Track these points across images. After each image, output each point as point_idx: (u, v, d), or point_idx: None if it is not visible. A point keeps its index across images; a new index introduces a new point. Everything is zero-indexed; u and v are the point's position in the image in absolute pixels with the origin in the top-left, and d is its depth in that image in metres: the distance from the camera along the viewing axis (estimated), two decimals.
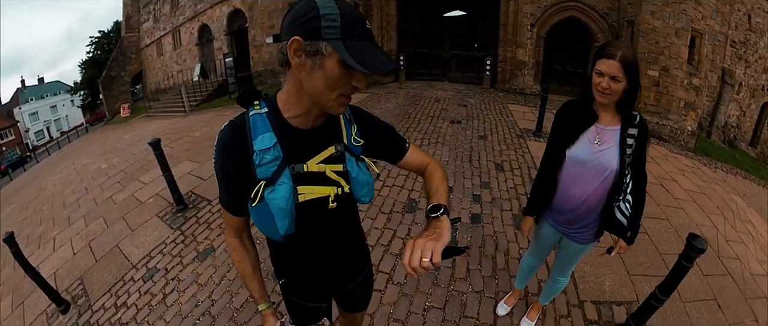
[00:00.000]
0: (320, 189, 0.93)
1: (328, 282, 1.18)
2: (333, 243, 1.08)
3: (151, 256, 3.16)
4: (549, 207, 1.65)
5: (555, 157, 1.52)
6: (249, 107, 0.89)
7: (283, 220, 0.89)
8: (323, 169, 0.92)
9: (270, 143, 0.85)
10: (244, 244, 1.05)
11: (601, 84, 1.28)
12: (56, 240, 4.10)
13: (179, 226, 3.53)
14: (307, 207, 0.92)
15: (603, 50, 1.28)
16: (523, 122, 6.72)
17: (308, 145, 0.90)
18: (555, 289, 2.00)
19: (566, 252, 1.76)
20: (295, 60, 0.76)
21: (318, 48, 0.72)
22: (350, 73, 0.76)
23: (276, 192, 0.86)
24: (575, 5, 9.20)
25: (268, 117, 0.87)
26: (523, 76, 10.01)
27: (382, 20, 10.98)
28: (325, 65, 0.74)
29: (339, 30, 0.72)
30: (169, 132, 8.43)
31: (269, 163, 0.86)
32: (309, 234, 0.99)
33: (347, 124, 0.99)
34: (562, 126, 1.50)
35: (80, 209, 4.86)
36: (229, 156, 0.88)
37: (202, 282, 2.67)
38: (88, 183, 6.12)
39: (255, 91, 0.91)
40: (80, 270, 3.27)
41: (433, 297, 2.39)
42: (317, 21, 0.72)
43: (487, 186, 3.97)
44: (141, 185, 4.96)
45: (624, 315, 2.38)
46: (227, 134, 0.88)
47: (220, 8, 13.80)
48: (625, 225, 1.49)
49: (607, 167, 1.40)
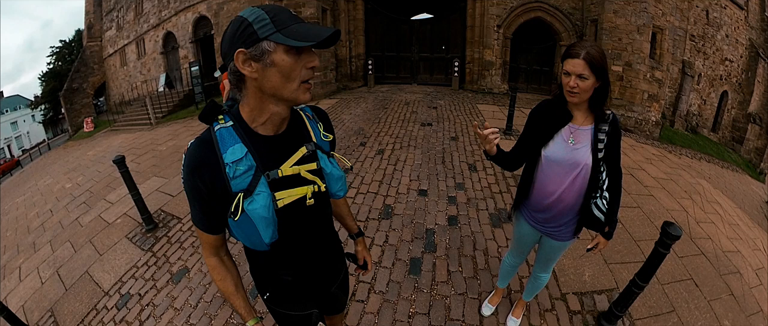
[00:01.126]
0: (297, 190, 0.95)
1: (313, 287, 1.18)
2: (313, 245, 1.10)
3: (123, 281, 3.00)
4: (526, 205, 1.67)
5: (530, 155, 1.54)
6: (213, 122, 0.89)
7: (266, 229, 0.89)
8: (298, 171, 0.94)
9: (241, 153, 0.85)
10: (223, 262, 1.02)
11: (569, 83, 1.31)
12: (22, 269, 3.84)
13: (150, 247, 3.38)
14: (286, 211, 0.93)
15: (568, 50, 1.32)
16: (493, 121, 6.84)
17: (279, 150, 0.92)
18: (537, 286, 2.02)
19: (546, 250, 1.78)
20: (247, 70, 0.79)
21: (262, 49, 0.77)
22: (300, 57, 0.80)
23: (255, 202, 0.86)
24: (540, 6, 9.48)
25: (234, 129, 0.87)
26: (491, 76, 10.22)
27: (350, 25, 10.94)
28: (274, 60, 0.78)
29: (272, 25, 0.76)
30: (135, 146, 8.08)
31: (244, 174, 0.85)
32: (292, 238, 0.99)
33: (312, 122, 1.03)
34: (536, 125, 1.52)
35: (46, 234, 4.57)
36: (200, 173, 0.86)
37: (178, 306, 2.55)
38: (52, 204, 5.77)
39: (217, 106, 0.90)
40: (50, 300, 3.07)
41: (416, 303, 2.36)
42: (250, 28, 0.77)
43: (462, 187, 4.00)
44: (108, 205, 4.71)
45: (606, 303, 2.45)
46: (195, 151, 0.86)
47: (185, 15, 13.36)
48: (603, 221, 1.51)
49: (580, 163, 1.42)
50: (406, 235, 3.10)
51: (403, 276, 2.60)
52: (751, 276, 3.37)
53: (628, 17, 7.60)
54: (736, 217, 5.00)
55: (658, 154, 6.54)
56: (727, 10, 10.74)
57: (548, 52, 10.09)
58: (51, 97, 25.14)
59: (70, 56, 24.96)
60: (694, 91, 10.35)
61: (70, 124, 18.26)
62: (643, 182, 4.74)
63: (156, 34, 15.01)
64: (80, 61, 18.99)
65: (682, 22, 8.92)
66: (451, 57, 10.76)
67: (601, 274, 2.73)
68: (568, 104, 1.42)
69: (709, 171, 7.09)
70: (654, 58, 7.89)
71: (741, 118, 11.86)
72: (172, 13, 13.80)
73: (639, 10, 7.49)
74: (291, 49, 0.77)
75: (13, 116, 36.98)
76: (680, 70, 9.61)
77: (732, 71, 11.58)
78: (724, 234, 4.06)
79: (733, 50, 11.35)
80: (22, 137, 37.33)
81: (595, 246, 1.60)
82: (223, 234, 0.99)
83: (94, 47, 19.13)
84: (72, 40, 26.11)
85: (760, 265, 3.76)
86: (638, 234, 3.36)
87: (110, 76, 19.11)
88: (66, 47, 26.04)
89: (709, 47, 10.52)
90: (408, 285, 2.51)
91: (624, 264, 2.87)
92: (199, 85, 11.41)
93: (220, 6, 12.17)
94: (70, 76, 18.71)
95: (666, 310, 2.50)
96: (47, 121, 31.10)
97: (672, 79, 9.27)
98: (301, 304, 1.17)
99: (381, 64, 11.49)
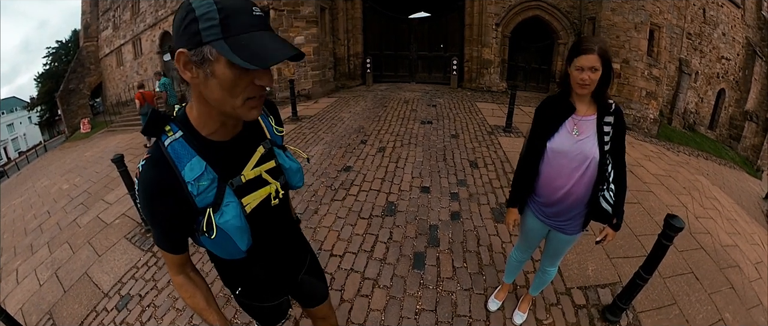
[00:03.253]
0: (261, 192, 0.92)
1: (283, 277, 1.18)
2: (282, 237, 1.10)
3: (123, 282, 2.96)
4: (534, 200, 1.67)
5: (535, 148, 1.56)
6: (161, 135, 0.79)
7: (242, 237, 0.87)
8: (259, 172, 0.91)
9: (201, 168, 0.78)
10: (190, 279, 0.97)
11: (582, 77, 1.33)
12: (19, 271, 3.80)
13: (150, 247, 3.35)
14: (254, 214, 0.91)
15: (580, 47, 1.34)
16: (492, 119, 6.84)
17: (237, 155, 0.87)
18: (545, 280, 2.02)
19: (555, 244, 1.78)
20: (187, 74, 0.69)
21: (203, 55, 0.65)
22: (248, 72, 0.67)
23: (226, 214, 0.82)
24: (538, 4, 9.51)
25: (186, 140, 0.79)
26: (490, 74, 10.24)
27: (348, 23, 10.93)
28: (215, 72, 0.66)
29: (219, 28, 0.64)
30: (132, 147, 8.05)
31: (207, 189, 0.80)
32: (263, 238, 0.98)
33: (264, 118, 0.98)
34: (541, 120, 1.54)
35: (43, 235, 4.53)
36: (160, 197, 0.78)
37: (179, 306, 2.52)
38: (50, 206, 5.72)
39: (161, 116, 0.81)
40: (48, 303, 3.03)
41: (422, 300, 2.36)
42: (195, 24, 0.64)
43: (464, 184, 4.00)
44: (106, 205, 4.68)
45: (609, 297, 2.46)
46: (150, 174, 0.78)
47: None
48: (610, 213, 1.54)
49: (588, 156, 1.43)
50: (410, 231, 3.09)
51: (408, 272, 2.60)
52: (750, 269, 3.40)
53: (625, 15, 7.65)
54: (734, 213, 5.04)
55: (657, 151, 6.57)
56: (724, 8, 10.82)
57: (546, 51, 10.14)
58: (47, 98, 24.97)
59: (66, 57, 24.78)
60: (691, 88, 10.42)
61: (66, 126, 18.13)
62: (643, 179, 4.76)
63: (152, 34, 14.94)
64: (77, 62, 18.85)
65: (679, 20, 8.98)
66: (449, 55, 10.77)
67: (604, 268, 2.74)
68: (570, 96, 1.46)
69: (707, 168, 7.14)
70: (652, 55, 7.93)
71: (738, 115, 11.95)
72: (169, 12, 13.73)
73: (636, 8, 7.54)
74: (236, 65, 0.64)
75: (9, 118, 36.70)
76: (677, 67, 9.68)
77: (729, 69, 11.67)
78: (722, 229, 4.09)
79: (730, 48, 11.43)
80: (19, 139, 37.05)
81: (603, 238, 1.62)
82: (188, 251, 0.94)
83: (91, 47, 19.00)
84: (69, 41, 25.92)
85: (759, 259, 3.79)
86: (639, 229, 3.38)
87: (107, 76, 19.00)
88: (62, 48, 25.85)
89: (706, 45, 10.60)
90: (413, 281, 2.50)
91: (626, 259, 2.89)
92: None
93: None
94: (66, 76, 18.56)
95: (668, 303, 2.52)
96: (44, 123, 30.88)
97: (669, 76, 9.33)
98: (273, 294, 1.18)
99: (379, 62, 11.48)
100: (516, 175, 1.74)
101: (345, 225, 3.22)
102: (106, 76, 19.01)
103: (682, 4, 8.92)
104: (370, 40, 11.42)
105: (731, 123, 12.13)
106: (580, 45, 1.35)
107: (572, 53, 1.37)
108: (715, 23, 10.64)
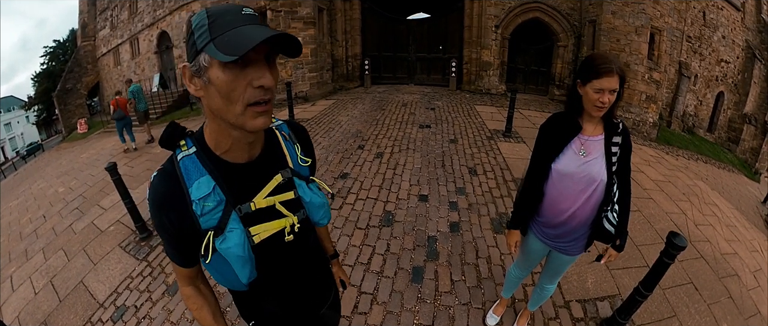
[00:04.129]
0: (274, 224, 0.85)
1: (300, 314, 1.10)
2: (298, 277, 1.00)
3: (119, 292, 2.93)
4: (537, 221, 1.63)
5: (540, 169, 1.50)
6: (176, 149, 0.78)
7: (243, 268, 0.81)
8: (272, 202, 0.84)
9: (208, 188, 0.75)
10: (199, 291, 0.94)
11: (602, 100, 1.27)
12: (14, 278, 3.75)
13: (145, 257, 3.31)
14: (264, 247, 0.84)
15: (599, 68, 1.26)
16: (491, 123, 6.80)
17: (251, 180, 0.82)
18: (543, 296, 2.00)
19: (556, 263, 1.75)
20: (192, 88, 0.70)
21: (199, 64, 0.66)
22: (243, 73, 0.65)
23: (228, 241, 0.77)
24: (539, 6, 9.48)
25: (198, 157, 0.77)
26: (489, 76, 10.21)
27: (346, 24, 10.88)
28: (211, 77, 0.65)
29: (207, 33, 0.64)
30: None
31: (212, 211, 0.76)
32: (272, 274, 0.91)
33: (289, 145, 0.91)
34: (546, 139, 1.49)
35: (38, 241, 4.48)
36: (166, 211, 0.77)
37: (174, 319, 2.49)
38: (45, 210, 5.67)
39: (178, 129, 0.80)
40: (44, 312, 2.99)
41: (420, 314, 2.33)
42: (192, 37, 0.66)
43: (463, 192, 3.96)
44: (101, 211, 4.63)
45: (608, 310, 2.44)
46: (159, 186, 0.77)
47: (180, 14, 13.22)
48: (613, 234, 1.49)
49: (596, 179, 1.39)
50: (408, 243, 3.05)
51: (406, 286, 2.57)
52: (748, 278, 3.38)
53: (626, 18, 7.63)
54: (734, 219, 5.03)
55: (656, 155, 6.56)
56: (724, 11, 10.81)
57: (546, 53, 10.11)
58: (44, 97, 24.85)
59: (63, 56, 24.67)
60: (690, 91, 10.42)
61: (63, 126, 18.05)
62: (642, 185, 4.74)
63: (150, 34, 14.87)
64: (74, 61, 18.76)
65: (679, 24, 8.96)
66: (448, 57, 10.73)
67: (603, 281, 2.72)
68: (579, 116, 1.40)
69: (706, 172, 7.13)
70: (652, 59, 7.92)
71: (737, 118, 11.96)
72: (167, 12, 13.66)
73: (637, 12, 7.52)
74: (228, 64, 0.63)
75: (7, 117, 36.44)
76: (677, 71, 9.67)
77: (728, 72, 11.66)
78: (722, 236, 4.07)
79: (730, 51, 11.43)
80: (17, 138, 36.86)
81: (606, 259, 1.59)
82: (199, 265, 0.90)
83: (88, 47, 18.91)
84: (66, 40, 25.80)
85: (758, 267, 3.78)
86: (639, 238, 3.36)
87: (104, 76, 18.91)
88: (60, 47, 25.74)
89: (706, 48, 10.59)
90: (411, 295, 2.47)
91: (626, 270, 2.87)
92: None
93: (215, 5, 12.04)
94: (63, 76, 18.48)
95: (667, 315, 2.50)
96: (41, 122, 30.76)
97: (669, 80, 9.32)
98: None
99: (378, 64, 11.44)
100: (519, 197, 1.68)
101: (342, 235, 3.18)
102: (104, 76, 18.92)
103: (682, 7, 8.90)
104: (368, 41, 11.38)
105: (730, 126, 12.14)
106: (598, 65, 1.26)
107: (588, 73, 1.28)
108: (715, 26, 10.63)
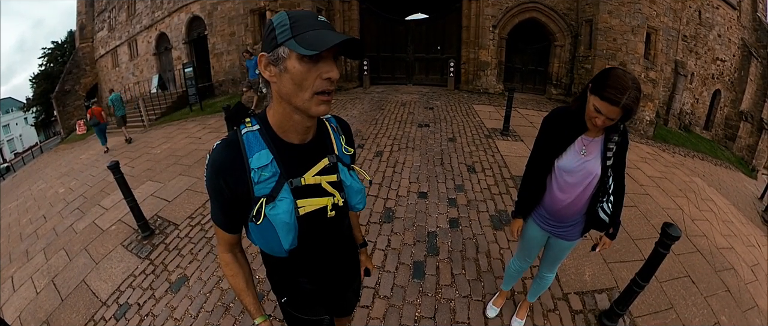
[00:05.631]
0: (318, 200, 0.95)
1: (330, 293, 1.19)
2: (332, 254, 1.11)
3: (121, 291, 2.95)
4: (536, 209, 1.70)
5: (543, 163, 1.56)
6: (240, 125, 0.90)
7: (287, 235, 0.90)
8: (319, 181, 0.94)
9: (267, 160, 0.86)
10: (237, 259, 1.03)
11: (596, 121, 1.29)
12: (15, 278, 3.76)
13: (147, 255, 3.33)
14: (307, 220, 0.94)
15: (607, 90, 1.20)
16: (489, 122, 6.84)
17: (303, 159, 0.92)
18: (542, 286, 2.04)
19: (554, 250, 1.81)
20: (266, 73, 0.82)
21: (278, 54, 0.78)
22: (315, 66, 0.78)
23: (278, 208, 0.87)
24: (535, 6, 9.53)
25: (260, 134, 0.88)
26: (487, 76, 10.25)
27: (345, 25, 10.89)
28: (287, 67, 0.78)
29: (289, 30, 0.77)
30: (128, 150, 7.98)
31: (268, 180, 0.86)
32: (310, 246, 1.00)
33: (336, 135, 1.03)
34: (550, 134, 1.53)
35: (39, 241, 4.49)
36: (224, 175, 0.87)
37: (178, 316, 2.51)
38: (46, 210, 5.68)
39: (244, 108, 0.93)
40: (46, 312, 3.00)
41: (422, 307, 2.36)
42: (273, 33, 0.78)
43: (462, 189, 4.00)
44: (102, 211, 4.64)
45: (606, 302, 2.48)
46: (221, 152, 0.87)
47: (179, 15, 13.23)
48: (607, 223, 1.57)
49: (592, 173, 1.46)
50: (408, 239, 3.09)
51: (408, 281, 2.60)
52: (745, 272, 3.43)
53: (622, 18, 7.69)
54: (730, 214, 5.08)
55: (653, 153, 6.61)
56: (720, 10, 10.89)
57: (543, 53, 10.17)
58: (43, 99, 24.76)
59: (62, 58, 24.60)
60: (686, 90, 10.49)
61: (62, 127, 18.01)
62: (639, 181, 4.79)
63: (149, 35, 14.86)
64: (72, 63, 18.72)
65: (675, 23, 9.04)
66: (446, 57, 10.77)
67: (601, 273, 2.75)
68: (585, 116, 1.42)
69: (702, 169, 7.19)
70: (648, 58, 7.98)
71: (733, 116, 12.04)
72: (166, 13, 13.67)
73: (633, 11, 7.58)
74: (304, 57, 0.76)
75: (5, 119, 36.26)
76: (673, 69, 9.74)
77: (724, 70, 11.75)
78: (718, 231, 4.12)
79: (726, 50, 11.51)
80: (15, 140, 36.68)
81: (601, 246, 1.67)
82: (240, 233, 1.00)
83: (86, 48, 18.88)
84: (64, 42, 25.72)
85: (755, 261, 3.83)
86: (636, 233, 3.40)
87: (102, 77, 18.87)
88: (58, 49, 25.66)
89: (702, 47, 10.67)
90: (412, 290, 2.51)
91: (623, 263, 2.91)
92: (193, 87, 11.24)
93: (213, 6, 12.08)
94: (62, 77, 18.43)
95: (665, 307, 2.54)
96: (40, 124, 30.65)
97: (665, 78, 9.39)
98: (316, 309, 1.19)
99: (376, 64, 11.46)
100: (522, 187, 1.73)
101: None
102: (102, 78, 18.88)
103: (678, 7, 8.97)
104: (367, 41, 11.38)
105: (726, 123, 12.22)
106: (609, 87, 1.20)
107: (598, 87, 1.24)
108: (711, 25, 10.71)
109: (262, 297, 2.50)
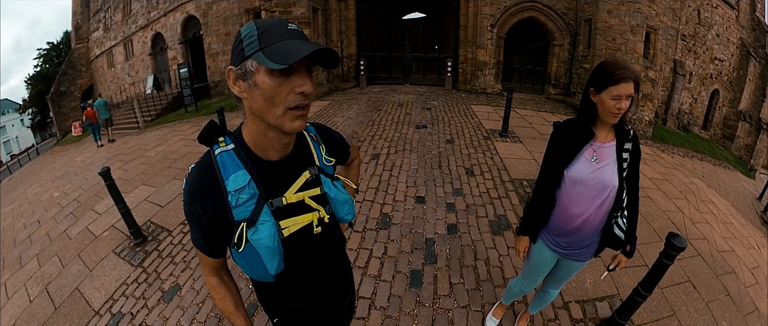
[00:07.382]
0: (302, 218, 0.90)
1: (322, 312, 1.14)
2: (322, 272, 1.05)
3: (114, 299, 2.89)
4: (547, 229, 1.60)
5: (552, 175, 1.49)
6: (213, 145, 0.85)
7: (272, 259, 0.85)
8: (302, 197, 0.89)
9: (244, 181, 0.81)
10: (223, 282, 0.99)
11: (620, 106, 1.27)
12: (8, 285, 3.70)
13: (140, 262, 3.27)
14: (292, 241, 0.88)
15: (615, 76, 1.25)
16: (488, 123, 6.77)
17: (282, 176, 0.87)
18: (545, 300, 1.98)
19: (564, 270, 1.73)
20: (236, 89, 0.76)
21: (245, 68, 0.72)
22: (287, 80, 0.72)
23: (260, 232, 0.82)
24: (534, 6, 9.49)
25: (236, 153, 0.83)
26: (485, 76, 10.20)
27: (341, 24, 10.85)
28: (257, 81, 0.72)
29: (257, 42, 0.71)
30: (122, 152, 7.91)
31: (246, 203, 0.81)
32: (298, 267, 0.95)
33: (316, 144, 0.98)
34: (558, 147, 1.47)
35: (33, 247, 4.43)
36: (201, 200, 0.82)
37: None
38: (40, 215, 5.61)
39: (217, 126, 0.86)
40: (39, 320, 2.94)
41: (419, 318, 2.31)
42: (240, 45, 0.73)
43: (460, 193, 3.93)
44: (95, 216, 4.58)
45: (608, 310, 2.44)
46: (196, 176, 0.83)
47: (174, 15, 13.15)
48: (623, 240, 1.49)
49: (608, 185, 1.38)
50: (406, 246, 3.03)
51: (404, 290, 2.55)
52: (746, 275, 3.40)
53: (622, 17, 7.66)
54: (730, 216, 5.05)
55: (652, 153, 6.58)
56: (719, 9, 10.88)
57: (542, 52, 10.14)
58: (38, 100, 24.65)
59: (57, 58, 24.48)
60: (685, 89, 10.48)
61: (58, 128, 17.92)
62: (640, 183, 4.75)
63: (144, 35, 14.78)
64: (68, 64, 18.60)
65: (674, 22, 9.01)
66: (444, 57, 10.72)
67: (602, 281, 2.71)
68: (592, 123, 1.39)
69: (701, 170, 7.17)
70: (648, 57, 7.96)
71: (732, 115, 12.04)
72: (161, 13, 13.59)
73: (633, 11, 7.55)
74: (274, 71, 0.70)
75: (1, 121, 36.02)
76: (672, 69, 9.72)
77: (723, 70, 11.74)
78: (718, 233, 4.09)
79: (724, 49, 11.50)
80: (11, 142, 36.46)
81: (616, 265, 1.58)
82: (225, 256, 0.95)
83: (82, 49, 18.77)
84: (60, 43, 25.61)
85: (755, 264, 3.80)
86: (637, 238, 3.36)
87: (98, 78, 18.78)
88: (53, 49, 25.52)
89: (700, 46, 10.66)
90: (409, 300, 2.46)
91: (624, 269, 2.83)
92: (188, 88, 11.16)
93: (209, 6, 12.01)
94: (57, 78, 18.32)
95: (666, 314, 2.51)
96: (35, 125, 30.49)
97: (664, 78, 9.37)
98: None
99: (373, 64, 11.41)
100: (531, 203, 1.65)
101: None
102: (97, 78, 18.79)
103: (677, 6, 8.94)
104: (363, 41, 11.35)
105: (725, 123, 12.22)
106: (614, 73, 1.26)
107: (603, 81, 1.27)
108: (710, 25, 10.70)
109: (255, 307, 2.45)
